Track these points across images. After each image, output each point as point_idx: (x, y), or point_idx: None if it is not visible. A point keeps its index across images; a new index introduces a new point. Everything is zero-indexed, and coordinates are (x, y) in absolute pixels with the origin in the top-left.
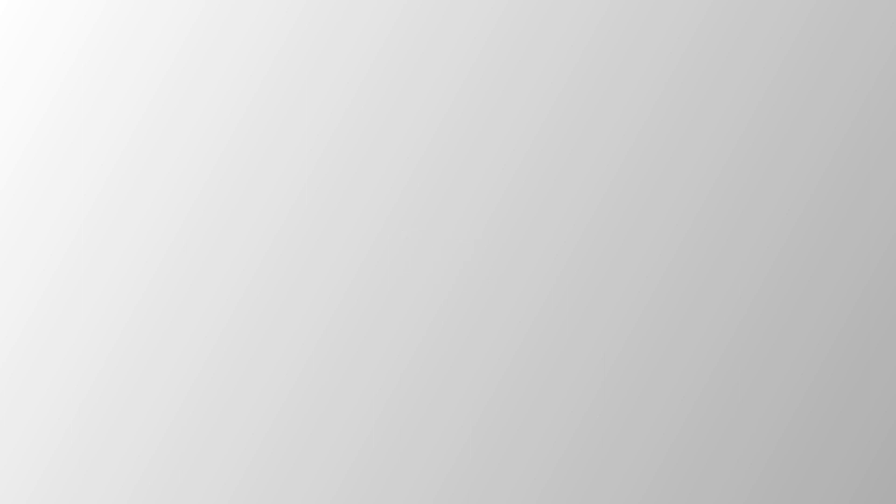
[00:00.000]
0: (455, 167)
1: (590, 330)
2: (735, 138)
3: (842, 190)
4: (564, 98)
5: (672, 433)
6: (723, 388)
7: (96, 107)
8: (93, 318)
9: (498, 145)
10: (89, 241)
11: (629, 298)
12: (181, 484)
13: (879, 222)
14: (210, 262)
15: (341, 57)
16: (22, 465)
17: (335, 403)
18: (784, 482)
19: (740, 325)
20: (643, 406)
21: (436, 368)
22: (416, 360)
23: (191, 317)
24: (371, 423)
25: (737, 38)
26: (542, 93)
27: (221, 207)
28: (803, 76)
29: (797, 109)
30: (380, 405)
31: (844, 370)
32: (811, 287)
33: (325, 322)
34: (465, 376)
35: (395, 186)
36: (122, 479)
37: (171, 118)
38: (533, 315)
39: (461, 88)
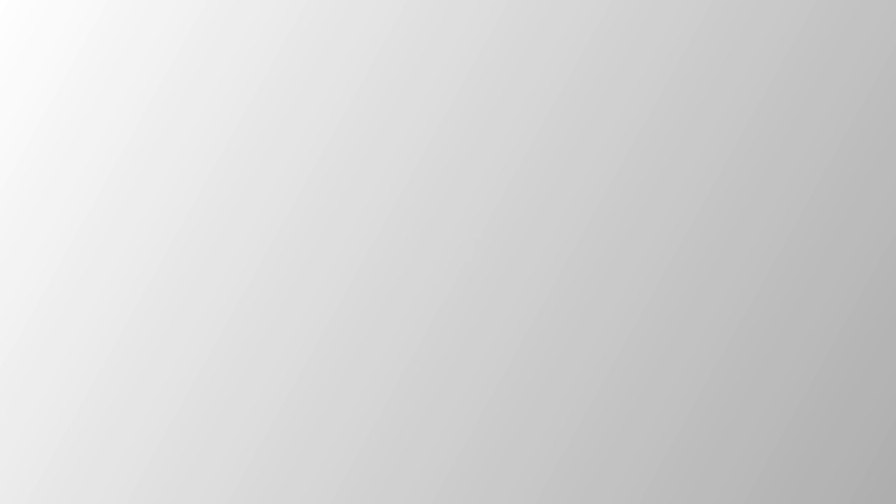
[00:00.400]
0: (455, 167)
1: (590, 330)
2: (735, 138)
3: (842, 190)
4: (564, 98)
5: (672, 433)
6: (723, 387)
7: (96, 107)
8: (93, 318)
9: (498, 145)
10: (89, 241)
11: (629, 298)
12: (181, 484)
13: (879, 222)
14: (210, 262)
15: (341, 57)
16: (22, 465)
17: (335, 403)
18: (784, 482)
19: (740, 325)
20: (643, 406)
21: (436, 368)
22: (416, 359)
23: (191, 317)
24: (371, 423)
25: (736, 39)
26: (541, 93)
27: (221, 207)
28: (803, 76)
29: (797, 109)
30: (380, 405)
31: (844, 370)
32: (811, 287)
33: (325, 322)
34: (465, 376)
35: (395, 186)
36: (122, 479)
37: (170, 118)
38: (533, 315)
39: (461, 88)
